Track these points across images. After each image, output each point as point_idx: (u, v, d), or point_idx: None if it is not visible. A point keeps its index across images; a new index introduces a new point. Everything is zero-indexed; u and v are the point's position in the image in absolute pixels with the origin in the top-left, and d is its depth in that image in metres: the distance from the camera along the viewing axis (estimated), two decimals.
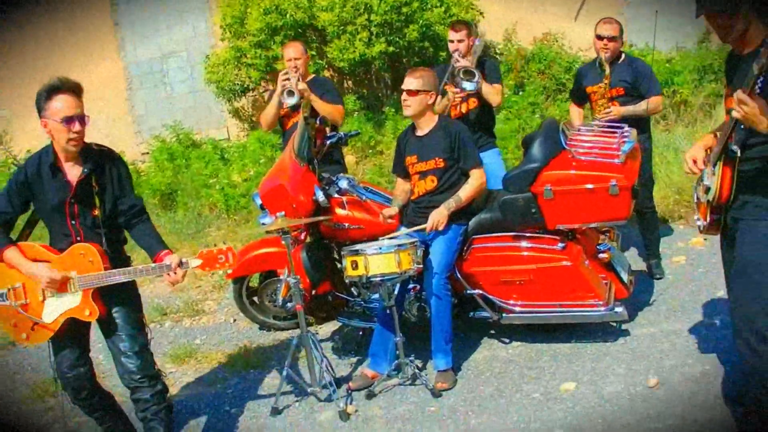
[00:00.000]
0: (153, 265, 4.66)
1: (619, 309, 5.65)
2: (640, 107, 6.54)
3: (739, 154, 3.86)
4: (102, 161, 4.73)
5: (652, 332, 5.88)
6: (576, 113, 7.10)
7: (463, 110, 6.92)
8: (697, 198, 4.23)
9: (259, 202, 6.26)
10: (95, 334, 4.94)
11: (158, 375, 4.87)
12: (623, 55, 6.81)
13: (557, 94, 11.94)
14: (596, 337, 5.91)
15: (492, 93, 6.75)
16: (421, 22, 11.54)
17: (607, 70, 6.63)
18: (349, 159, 11.40)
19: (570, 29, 12.91)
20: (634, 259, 7.20)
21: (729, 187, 3.92)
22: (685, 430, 4.57)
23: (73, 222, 4.63)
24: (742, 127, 3.81)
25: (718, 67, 10.79)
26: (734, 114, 3.65)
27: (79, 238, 4.64)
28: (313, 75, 7.53)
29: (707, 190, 4.05)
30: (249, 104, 13.23)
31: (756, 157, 3.90)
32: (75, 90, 4.54)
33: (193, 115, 13.61)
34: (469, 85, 6.60)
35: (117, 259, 4.76)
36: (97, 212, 4.66)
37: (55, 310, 4.63)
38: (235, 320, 7.42)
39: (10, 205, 4.66)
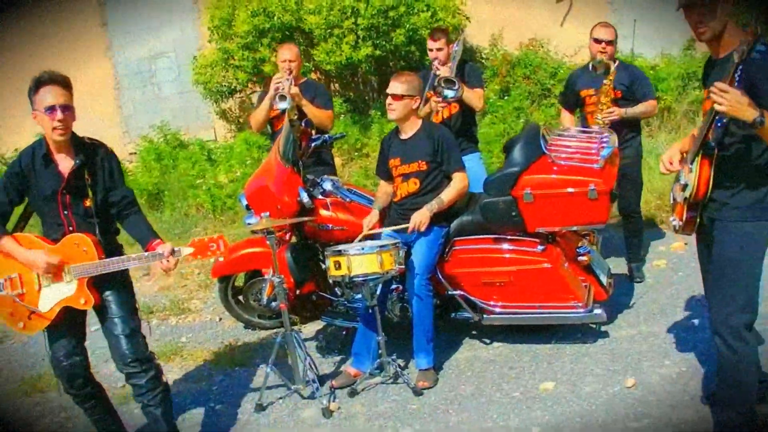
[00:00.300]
0: (146, 253, 4.77)
1: (597, 311, 5.77)
2: (638, 109, 6.65)
3: (717, 150, 3.96)
4: (94, 154, 4.82)
5: (631, 334, 6.00)
6: (568, 118, 7.16)
7: (445, 115, 7.00)
8: (674, 198, 4.32)
9: (245, 202, 6.33)
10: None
11: (151, 358, 4.93)
12: (617, 61, 6.90)
13: (542, 99, 12.05)
14: (576, 339, 6.02)
15: (473, 98, 6.84)
16: (407, 26, 11.63)
17: (612, 67, 6.69)
18: (335, 161, 11.50)
19: (556, 35, 13.02)
20: (615, 263, 7.31)
21: (706, 183, 4.01)
22: (660, 429, 4.67)
23: (66, 212, 4.72)
24: (719, 125, 3.91)
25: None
26: (716, 107, 3.70)
27: (71, 228, 4.73)
28: (305, 78, 7.60)
29: (684, 187, 4.14)
30: (236, 106, 13.29)
31: (732, 156, 4.00)
32: (60, 82, 4.63)
33: (181, 115, 13.66)
34: (450, 93, 6.67)
35: (110, 248, 4.85)
36: (88, 203, 4.75)
37: (51, 299, 4.71)
38: (221, 319, 7.49)
39: (6, 197, 4.73)
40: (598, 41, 6.76)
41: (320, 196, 6.26)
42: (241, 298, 7.07)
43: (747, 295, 4.07)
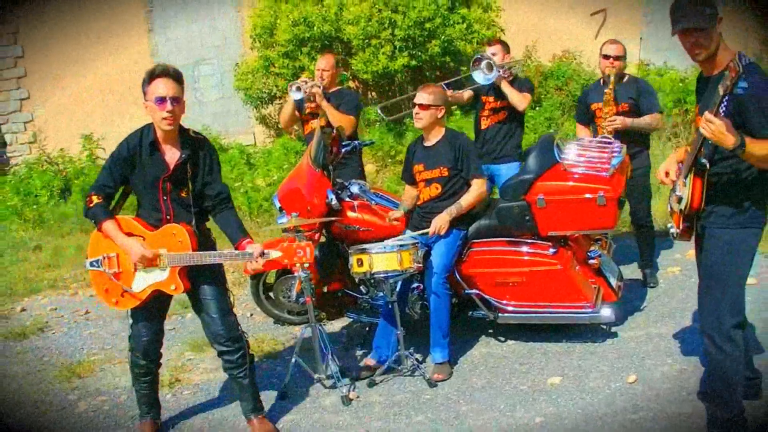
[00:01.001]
0: (237, 252, 5.11)
1: (606, 312, 6.08)
2: (642, 121, 6.92)
3: (708, 166, 4.27)
4: (198, 148, 5.15)
5: (639, 335, 6.29)
6: (583, 132, 7.41)
7: (492, 122, 7.46)
8: (671, 207, 4.62)
9: (278, 204, 6.67)
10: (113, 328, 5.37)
11: (241, 336, 5.35)
12: (627, 76, 7.23)
13: (573, 110, 12.29)
14: (586, 338, 6.33)
15: (516, 96, 7.23)
16: (443, 37, 11.95)
17: (611, 82, 7.00)
18: (370, 168, 11.81)
19: (589, 47, 13.24)
20: (632, 269, 7.62)
21: (699, 197, 4.31)
22: (657, 422, 4.96)
23: (165, 198, 5.04)
24: (710, 142, 4.23)
25: None
26: (702, 132, 4.04)
27: (168, 216, 5.06)
28: (338, 88, 7.95)
29: (679, 200, 4.45)
30: (275, 111, 13.64)
31: (722, 171, 4.30)
32: (172, 75, 4.95)
33: (222, 120, 14.12)
34: (480, 77, 7.07)
35: (203, 239, 5.18)
36: (185, 193, 5.08)
37: (144, 281, 5.06)
38: (252, 315, 7.83)
39: (112, 179, 5.05)
40: (606, 57, 7.10)
41: (348, 199, 6.62)
42: (271, 294, 7.42)
43: (734, 298, 4.38)
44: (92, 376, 6.71)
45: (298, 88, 7.26)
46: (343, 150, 7.04)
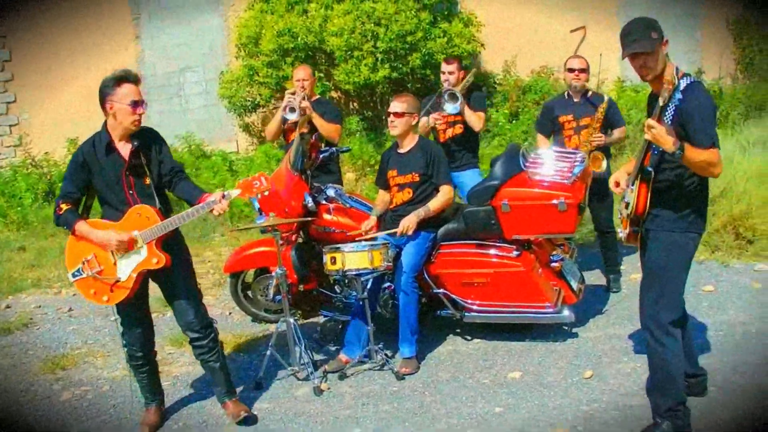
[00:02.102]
0: (201, 204, 5.39)
1: (566, 313, 6.41)
2: (615, 136, 7.39)
3: (653, 174, 4.61)
4: (144, 137, 5.47)
5: (598, 335, 6.63)
6: (543, 142, 7.70)
7: (449, 135, 7.78)
8: (620, 213, 4.96)
9: (257, 205, 6.94)
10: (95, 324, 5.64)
11: (212, 323, 5.72)
12: (590, 91, 7.62)
13: None
14: (547, 337, 6.64)
15: (474, 118, 7.58)
16: (424, 50, 12.19)
17: (604, 102, 7.34)
18: (350, 176, 12.11)
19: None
20: (597, 275, 7.98)
21: (644, 202, 4.67)
22: (608, 412, 5.30)
23: (131, 192, 5.36)
24: (656, 152, 4.58)
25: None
26: (645, 136, 4.42)
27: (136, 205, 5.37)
28: (318, 96, 8.28)
29: (627, 205, 4.80)
30: (259, 120, 13.87)
31: (667, 179, 4.66)
32: (136, 80, 5.32)
33: (206, 127, 14.31)
34: (450, 108, 7.44)
35: (167, 217, 5.46)
36: (148, 180, 5.41)
37: (127, 267, 5.34)
38: (230, 313, 8.09)
39: (74, 186, 5.37)
40: (571, 70, 7.49)
41: (324, 202, 6.95)
42: (249, 293, 7.70)
43: (672, 295, 4.73)
44: (76, 368, 6.98)
45: (292, 109, 7.56)
46: (321, 156, 7.36)
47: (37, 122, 14.59)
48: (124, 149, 5.37)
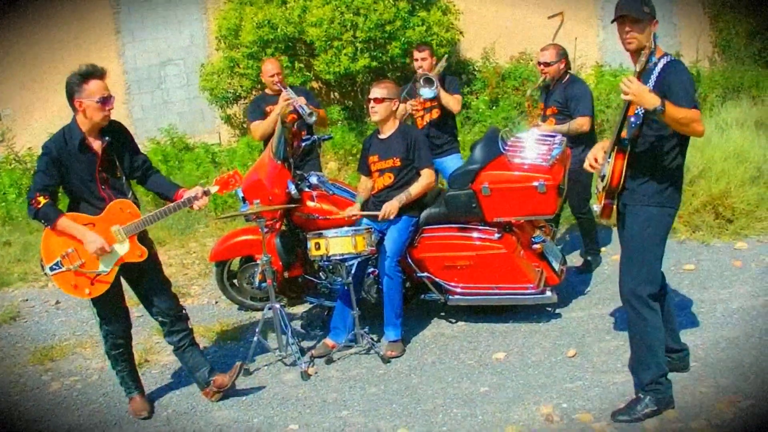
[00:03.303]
0: (182, 200, 5.51)
1: (548, 293, 6.49)
2: (564, 127, 7.32)
3: (629, 146, 4.70)
4: (113, 131, 5.52)
5: (581, 315, 6.72)
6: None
7: (427, 119, 7.84)
8: (597, 187, 5.04)
9: (241, 194, 7.01)
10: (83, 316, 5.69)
11: (183, 309, 5.89)
12: (567, 76, 7.64)
13: (529, 109, 12.67)
14: (531, 319, 6.74)
15: (451, 100, 7.70)
16: (403, 39, 12.20)
17: (528, 92, 7.47)
18: (332, 165, 12.17)
19: None
20: (579, 257, 8.07)
21: (620, 174, 4.74)
22: (591, 389, 5.40)
23: (104, 187, 5.41)
24: (633, 125, 4.66)
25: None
26: (623, 96, 4.47)
27: (111, 200, 5.41)
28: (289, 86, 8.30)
29: (603, 178, 4.87)
30: (240, 111, 13.89)
31: (642, 152, 4.75)
32: (102, 76, 5.34)
33: (188, 119, 14.37)
34: (426, 92, 7.52)
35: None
36: (119, 173, 5.49)
37: (110, 260, 5.42)
38: (216, 302, 8.16)
39: (51, 178, 5.33)
40: (538, 63, 7.69)
41: (307, 189, 6.99)
42: (235, 282, 7.76)
43: (650, 269, 4.82)
44: (64, 359, 7.05)
45: (311, 114, 7.57)
46: (303, 144, 7.42)
47: (19, 117, 14.57)
48: (96, 144, 5.41)
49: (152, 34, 14.39)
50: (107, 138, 5.41)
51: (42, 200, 5.30)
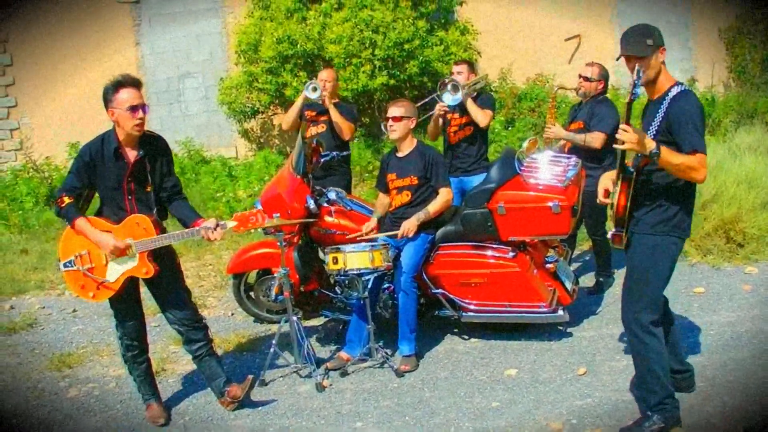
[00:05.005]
0: (196, 228, 5.60)
1: (560, 312, 6.60)
2: (580, 137, 7.47)
3: (634, 174, 4.80)
4: (153, 145, 5.66)
5: (592, 335, 6.82)
6: None
7: (460, 136, 7.97)
8: (610, 216, 5.15)
9: (260, 207, 7.13)
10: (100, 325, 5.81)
11: (203, 319, 6.01)
12: (601, 97, 7.77)
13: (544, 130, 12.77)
14: (542, 337, 6.85)
15: (479, 113, 7.73)
16: (421, 58, 12.38)
17: (552, 97, 7.75)
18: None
19: (563, 71, 13.74)
20: (591, 279, 8.15)
21: (624, 203, 4.85)
22: (601, 407, 5.50)
23: (130, 197, 5.54)
24: (639, 156, 4.77)
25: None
26: (618, 145, 4.56)
27: (133, 212, 5.55)
28: (338, 100, 8.44)
29: (612, 206, 4.98)
30: (258, 126, 14.07)
31: (647, 181, 4.86)
32: (136, 84, 5.46)
33: (205, 132, 14.53)
34: (449, 98, 7.65)
35: (162, 229, 5.70)
36: (149, 188, 5.60)
37: (117, 271, 5.56)
38: (233, 314, 8.28)
39: (79, 181, 5.52)
40: (579, 76, 7.75)
41: (325, 204, 7.12)
42: (252, 294, 7.86)
43: (652, 296, 4.92)
44: (82, 366, 7.16)
45: (315, 88, 7.78)
46: (322, 160, 7.55)
47: (37, 127, 14.77)
48: (130, 155, 5.54)
49: (172, 47, 14.58)
50: (142, 152, 5.53)
51: (67, 200, 5.50)
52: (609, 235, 5.06)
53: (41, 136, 14.66)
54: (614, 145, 4.60)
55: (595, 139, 7.41)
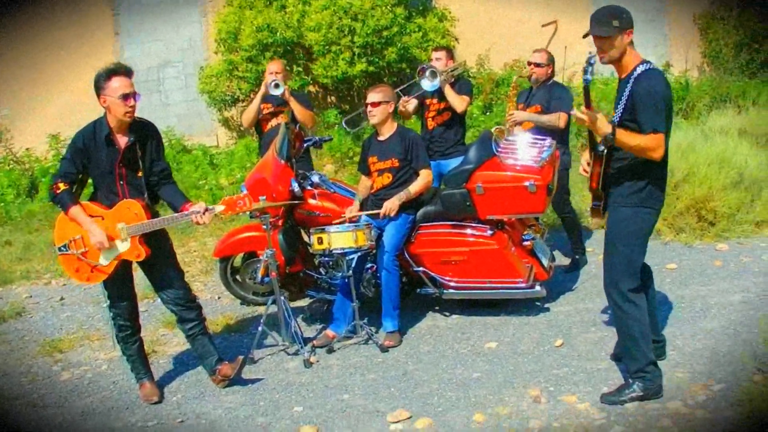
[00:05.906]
0: (185, 212, 5.78)
1: (538, 288, 6.82)
2: (544, 117, 7.71)
3: (605, 152, 5.03)
4: (144, 131, 5.84)
5: (568, 309, 7.07)
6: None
7: (438, 121, 8.19)
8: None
9: (245, 191, 7.29)
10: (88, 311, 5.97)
11: (196, 299, 6.21)
12: (551, 81, 8.05)
13: None
14: (521, 312, 7.08)
15: (456, 99, 7.97)
16: (399, 45, 12.56)
17: (513, 83, 8.02)
18: (329, 168, 12.46)
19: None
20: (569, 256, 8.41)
21: (596, 178, 5.12)
22: (576, 374, 5.73)
23: (121, 182, 5.72)
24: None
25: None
26: (578, 123, 4.87)
27: (125, 197, 5.72)
28: (291, 89, 8.60)
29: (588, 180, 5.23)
30: (238, 114, 14.10)
31: (617, 158, 5.08)
32: (128, 73, 5.65)
33: (186, 121, 14.64)
34: (427, 84, 7.88)
35: (154, 213, 5.88)
36: (140, 174, 5.78)
37: (110, 254, 5.74)
38: (219, 297, 8.47)
39: (74, 167, 5.70)
40: (529, 63, 8.07)
41: (309, 187, 7.32)
42: (238, 277, 8.04)
43: (629, 265, 5.12)
44: (73, 351, 7.33)
45: (277, 85, 7.90)
46: (305, 144, 7.74)
47: (17, 119, 14.80)
48: (121, 141, 5.71)
49: (151, 36, 14.69)
50: (132, 138, 5.70)
51: (62, 186, 5.68)
52: (588, 209, 5.30)
53: (21, 128, 14.67)
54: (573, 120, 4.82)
55: (560, 119, 7.64)
